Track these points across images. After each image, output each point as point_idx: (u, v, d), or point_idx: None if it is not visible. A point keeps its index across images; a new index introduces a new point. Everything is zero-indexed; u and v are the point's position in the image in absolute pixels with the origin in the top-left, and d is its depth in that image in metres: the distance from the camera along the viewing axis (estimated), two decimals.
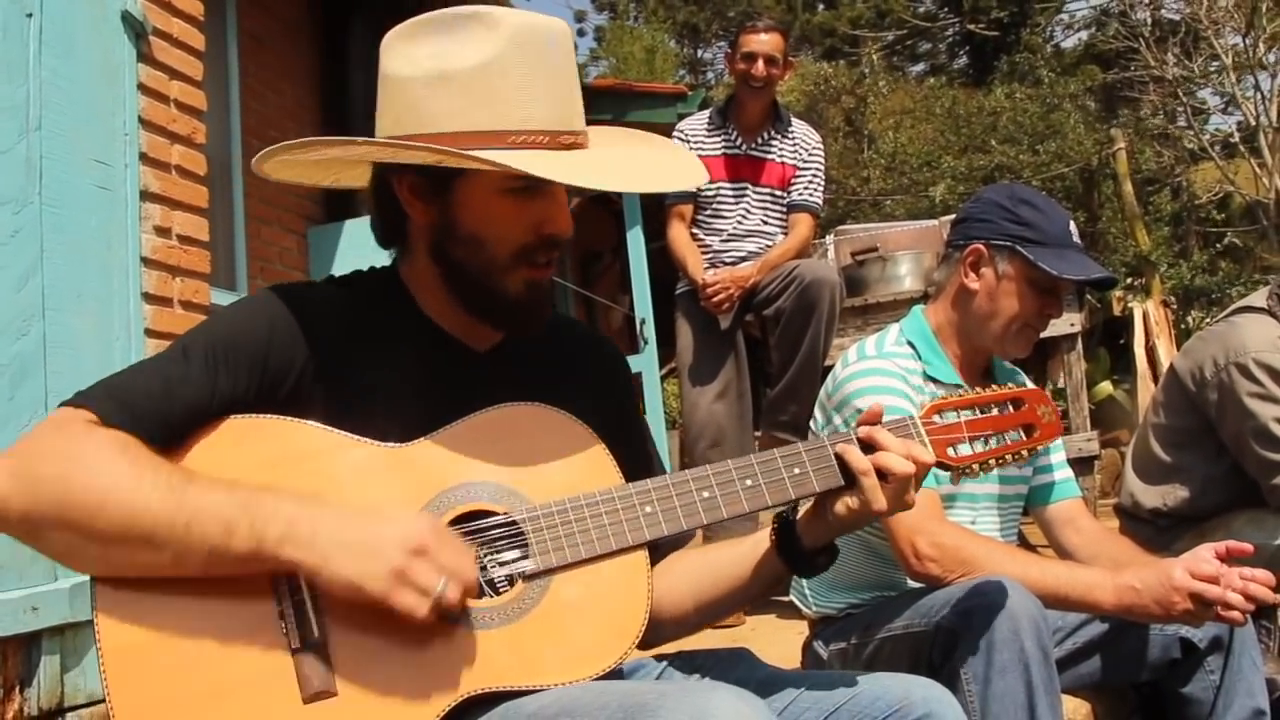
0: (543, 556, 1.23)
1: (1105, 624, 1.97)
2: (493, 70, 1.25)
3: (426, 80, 1.27)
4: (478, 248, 1.31)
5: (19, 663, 2.35)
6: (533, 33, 1.28)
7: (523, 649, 1.20)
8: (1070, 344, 4.61)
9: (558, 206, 1.33)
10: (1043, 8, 20.67)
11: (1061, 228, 2.04)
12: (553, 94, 1.28)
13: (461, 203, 1.31)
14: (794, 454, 1.31)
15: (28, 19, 2.56)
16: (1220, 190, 15.42)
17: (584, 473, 1.30)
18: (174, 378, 1.22)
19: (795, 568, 1.38)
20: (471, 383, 1.35)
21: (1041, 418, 1.44)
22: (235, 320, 1.29)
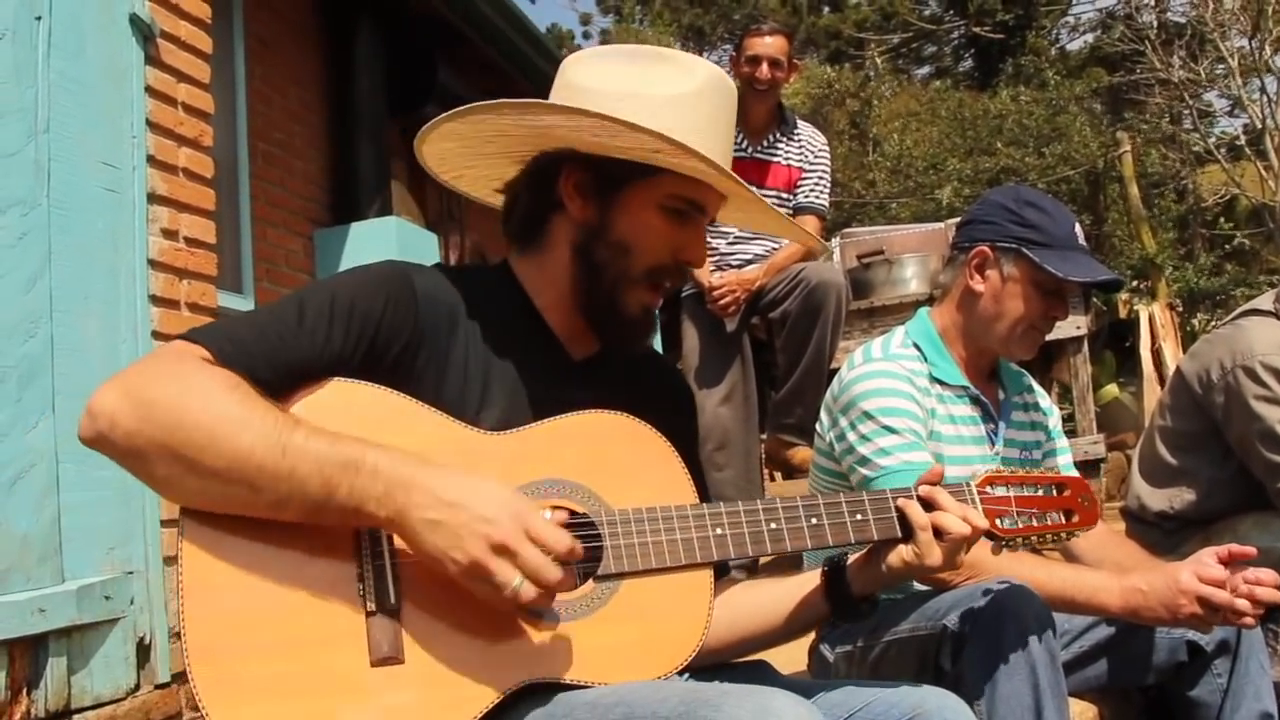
0: (615, 561, 1.28)
1: (1112, 627, 1.96)
2: (685, 103, 1.35)
3: (619, 95, 1.35)
4: (622, 254, 1.38)
5: (26, 664, 2.35)
6: (720, 83, 1.40)
7: (583, 646, 1.24)
8: (1076, 346, 4.60)
9: (699, 238, 1.42)
10: (1048, 10, 20.66)
11: (1067, 230, 2.04)
12: (724, 140, 1.40)
13: (623, 208, 1.38)
14: (858, 501, 1.38)
15: (37, 21, 2.57)
16: (1226, 193, 15.39)
17: (662, 486, 1.35)
18: (288, 328, 1.24)
19: (839, 612, 1.44)
20: (563, 386, 1.39)
21: (1082, 504, 1.52)
22: (353, 283, 1.31)
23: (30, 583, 2.39)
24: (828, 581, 1.44)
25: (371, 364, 1.28)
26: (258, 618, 1.15)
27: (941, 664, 1.74)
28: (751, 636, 1.48)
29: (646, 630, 1.27)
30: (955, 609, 1.73)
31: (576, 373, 1.44)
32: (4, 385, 2.37)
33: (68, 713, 2.43)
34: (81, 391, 2.50)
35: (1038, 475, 1.51)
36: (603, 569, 1.27)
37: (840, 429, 2.03)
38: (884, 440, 1.93)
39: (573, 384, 1.40)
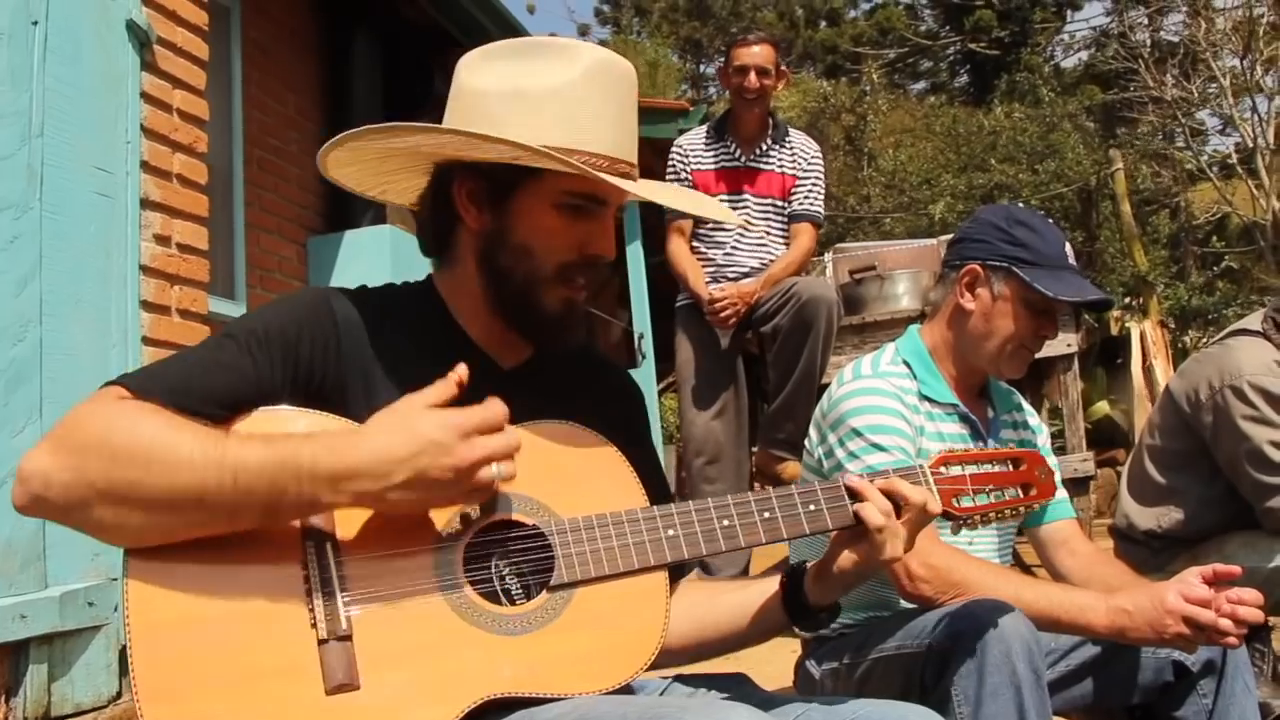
0: (568, 569, 1.26)
1: (1098, 646, 1.96)
2: (568, 95, 1.33)
3: (502, 95, 1.34)
4: (525, 258, 1.36)
5: (6, 671, 2.34)
6: (607, 67, 1.37)
7: (540, 659, 1.22)
8: (1067, 364, 4.61)
9: (604, 230, 1.39)
10: (1043, 28, 20.78)
11: (1057, 249, 2.04)
12: (619, 125, 1.37)
13: (517, 212, 1.36)
14: (810, 492, 1.37)
15: (33, 26, 2.57)
16: (1218, 211, 15.47)
17: (611, 492, 1.34)
18: (210, 361, 1.24)
19: (797, 621, 1.43)
20: (495, 397, 1.36)
21: (1039, 478, 1.51)
22: (274, 314, 1.31)
23: (13, 588, 2.38)
24: (785, 588, 1.43)
25: (298, 392, 1.27)
26: (209, 653, 1.13)
27: (927, 682, 1.74)
28: (715, 640, 1.48)
29: (604, 637, 1.26)
30: (941, 627, 1.73)
31: (507, 382, 1.38)
32: None
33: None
34: (69, 396, 2.49)
35: (992, 452, 1.50)
36: (556, 579, 1.26)
37: (829, 445, 2.03)
38: (872, 457, 1.93)
39: (504, 394, 1.35)
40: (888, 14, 25.16)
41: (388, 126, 1.32)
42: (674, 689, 1.45)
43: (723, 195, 4.10)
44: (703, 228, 4.16)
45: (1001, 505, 1.47)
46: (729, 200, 4.10)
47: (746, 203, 4.11)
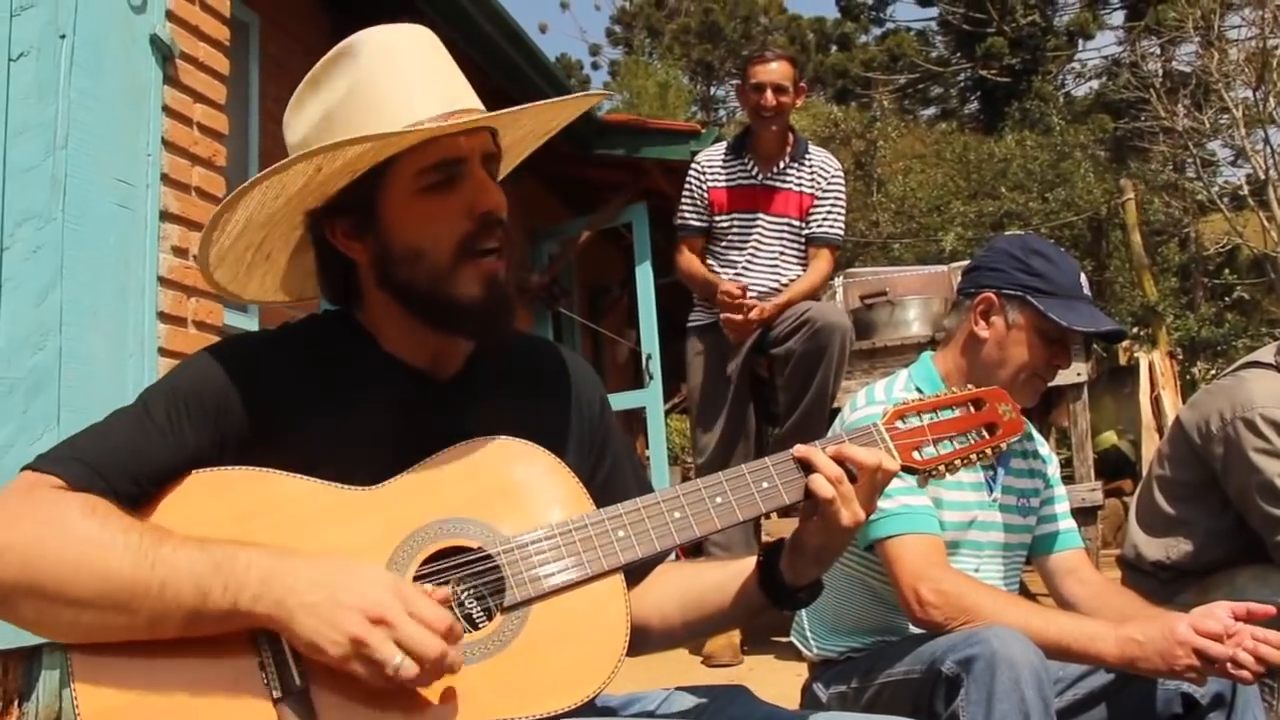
0: (519, 588, 1.23)
1: (1107, 676, 1.96)
2: (361, 88, 1.28)
3: (316, 130, 1.30)
4: (418, 259, 1.29)
5: (19, 676, 2.35)
6: (390, 43, 1.30)
7: (506, 681, 1.19)
8: (1076, 393, 4.61)
9: (480, 185, 1.30)
10: (1055, 56, 20.84)
11: (1072, 279, 2.05)
12: (427, 85, 1.29)
13: (389, 221, 1.30)
14: (762, 469, 1.32)
15: (61, 40, 2.60)
16: (1228, 243, 15.46)
17: (554, 501, 1.30)
18: (138, 435, 1.21)
19: (776, 601, 1.38)
20: (437, 414, 1.34)
21: (1003, 416, 1.44)
22: (193, 374, 1.28)
23: None
24: (761, 568, 1.38)
25: (232, 448, 1.25)
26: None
27: (935, 708, 1.74)
28: (700, 620, 1.44)
29: (567, 649, 1.22)
30: (950, 653, 1.73)
31: (448, 394, 1.36)
32: (11, 397, 2.39)
33: None
34: (87, 405, 2.51)
35: (950, 397, 1.43)
36: (509, 599, 1.22)
37: None
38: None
39: (445, 409, 1.33)
40: (899, 40, 25.28)
41: (210, 221, 1.28)
42: (675, 699, 1.44)
43: (737, 214, 4.10)
44: (716, 246, 4.16)
45: (966, 450, 1.40)
46: (743, 218, 4.10)
47: (760, 222, 4.11)
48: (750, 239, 4.10)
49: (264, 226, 1.34)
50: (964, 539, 2.04)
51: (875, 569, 2.00)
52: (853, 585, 2.08)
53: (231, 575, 1.11)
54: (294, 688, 1.12)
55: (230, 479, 1.22)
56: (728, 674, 3.48)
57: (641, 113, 21.16)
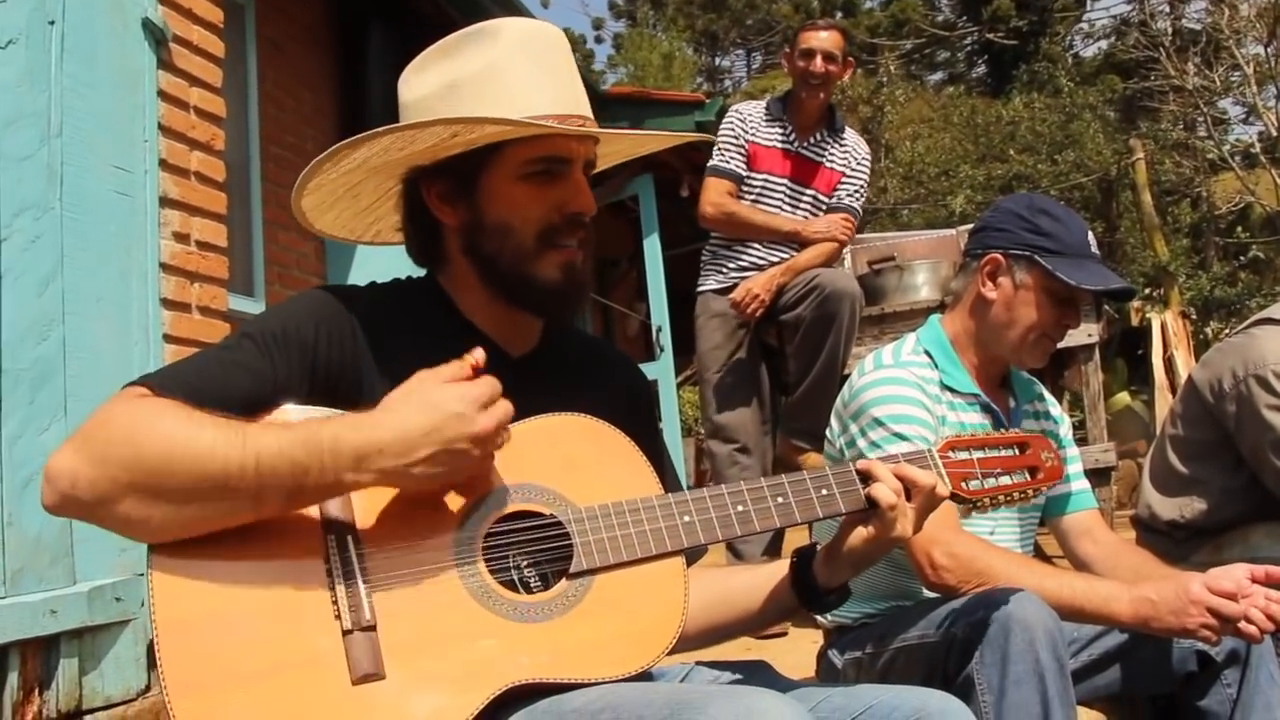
0: (586, 557, 1.28)
1: (1121, 636, 1.95)
2: (496, 70, 1.35)
3: (439, 94, 1.37)
4: (506, 236, 1.38)
5: (38, 665, 2.37)
6: (531, 36, 1.39)
7: (562, 645, 1.23)
8: (1088, 354, 4.58)
9: (577, 187, 1.39)
10: (1062, 17, 20.64)
11: (1080, 238, 2.03)
12: (556, 86, 1.38)
13: (486, 195, 1.38)
14: (822, 476, 1.39)
15: (50, 26, 2.58)
16: (1240, 201, 15.33)
17: (625, 480, 1.36)
18: (229, 361, 1.26)
19: (806, 603, 1.45)
20: (508, 387, 1.36)
21: (1045, 462, 1.53)
22: (289, 314, 1.33)
23: (42, 584, 2.40)
24: (795, 570, 1.45)
25: (316, 391, 1.29)
26: (235, 647, 1.14)
27: (950, 672, 1.74)
28: (727, 623, 1.50)
29: (624, 622, 1.27)
30: (964, 617, 1.73)
31: (518, 370, 1.41)
32: (17, 388, 2.39)
33: (79, 713, 2.44)
34: (93, 394, 2.51)
35: (998, 436, 1.52)
36: (575, 566, 1.27)
37: (850, 435, 2.03)
38: (894, 447, 1.93)
39: (514, 384, 1.36)
40: (904, 5, 25.04)
41: (330, 152, 1.33)
42: (696, 673, 1.47)
43: (773, 175, 4.04)
44: (744, 201, 4.10)
45: (1010, 489, 1.49)
46: (779, 182, 4.05)
47: (787, 189, 4.06)
48: (775, 204, 4.05)
49: (372, 171, 1.41)
50: None
51: None
52: None
53: (324, 454, 1.16)
54: (364, 622, 1.17)
55: (313, 414, 1.26)
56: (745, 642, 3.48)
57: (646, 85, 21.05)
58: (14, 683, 2.30)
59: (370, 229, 1.57)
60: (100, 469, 1.13)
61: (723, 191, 4.01)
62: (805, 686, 1.40)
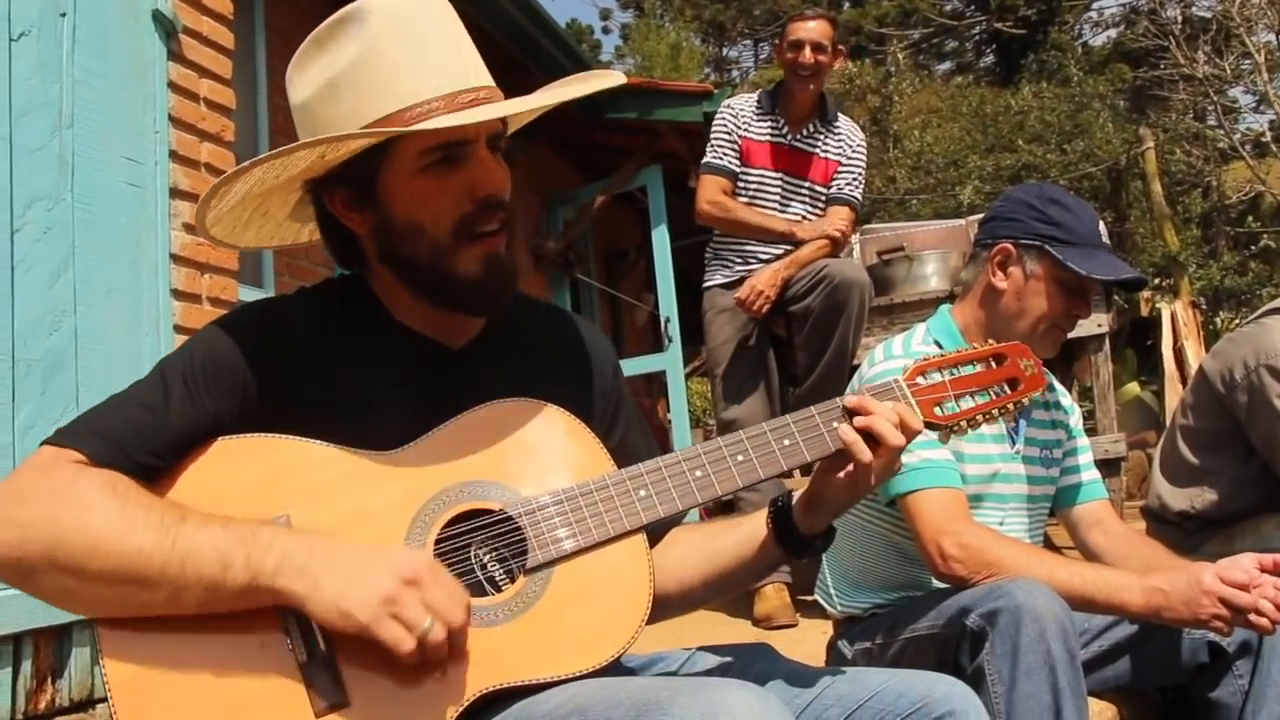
0: (541, 550, 1.23)
1: (1133, 626, 1.95)
2: (369, 60, 1.26)
3: (319, 95, 1.29)
4: (418, 235, 1.29)
5: (51, 654, 2.38)
6: (399, 11, 1.28)
7: (529, 643, 1.19)
8: (1097, 345, 4.57)
9: (484, 168, 1.29)
10: (1071, 6, 20.54)
11: (1091, 228, 2.03)
12: (439, 61, 1.27)
13: (389, 197, 1.29)
14: (783, 426, 1.32)
15: (61, 18, 2.59)
16: (1251, 190, 15.25)
17: (575, 462, 1.30)
18: (157, 407, 1.21)
19: (792, 551, 1.38)
20: (451, 381, 1.34)
21: (1024, 371, 1.43)
22: (210, 342, 1.28)
23: None
24: (773, 521, 1.38)
25: (250, 415, 1.25)
26: (195, 700, 1.11)
27: (960, 662, 1.74)
28: (715, 581, 1.43)
29: (591, 610, 1.23)
30: (975, 607, 1.72)
31: (461, 363, 1.38)
32: (29, 378, 2.39)
33: (90, 702, 2.46)
34: (104, 384, 2.52)
35: (971, 353, 1.42)
36: (531, 561, 1.22)
37: None
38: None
39: (459, 376, 1.34)
40: None
41: (207, 194, 1.28)
42: (697, 658, 1.45)
43: (767, 170, 4.04)
44: (740, 199, 4.10)
45: (988, 405, 1.39)
46: (773, 176, 4.04)
47: (783, 183, 4.06)
48: (771, 199, 4.04)
49: (262, 197, 1.35)
50: (987, 492, 2.03)
51: (898, 524, 1.99)
52: (875, 541, 2.07)
53: (254, 548, 1.13)
54: (319, 652, 1.13)
55: (251, 446, 1.23)
56: (755, 633, 3.48)
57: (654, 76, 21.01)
58: (27, 671, 2.32)
59: (302, 233, 1.49)
60: (21, 547, 1.11)
61: (718, 189, 4.01)
62: (811, 669, 1.38)
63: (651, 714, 1.01)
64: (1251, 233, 15.00)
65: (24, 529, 1.11)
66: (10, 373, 2.35)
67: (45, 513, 1.12)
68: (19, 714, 2.29)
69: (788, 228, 3.92)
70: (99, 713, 2.46)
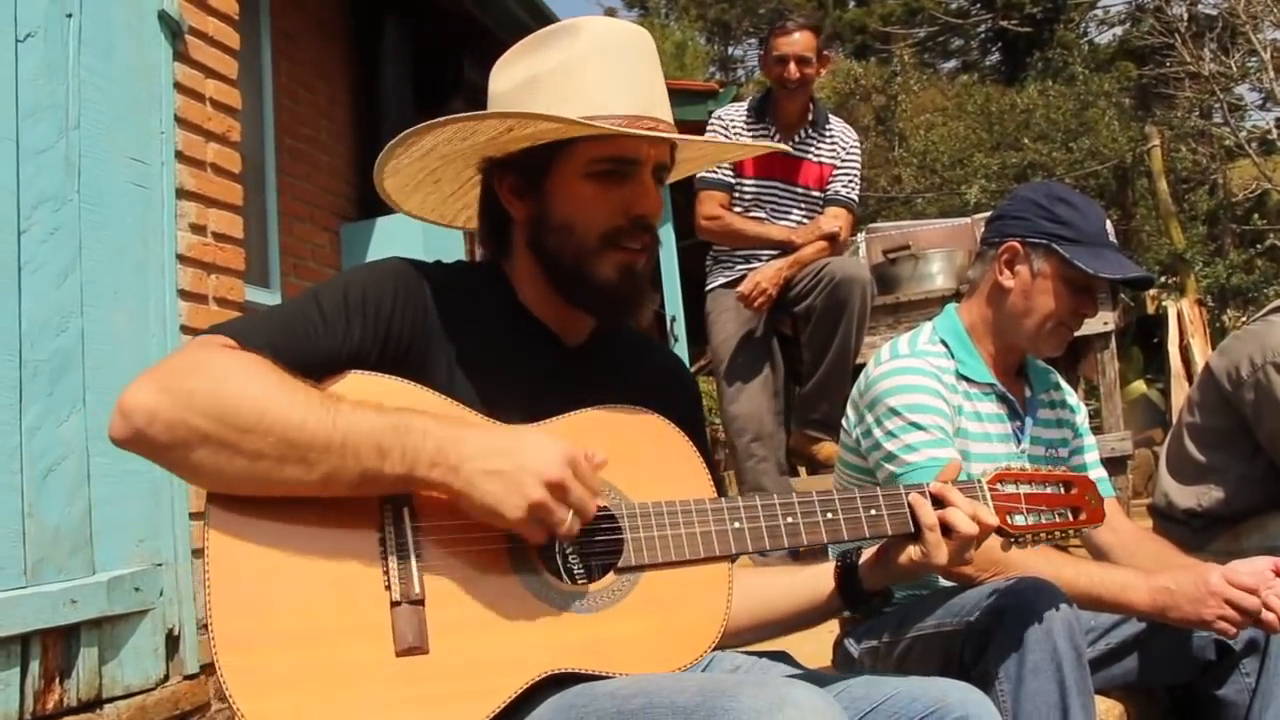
0: (635, 553, 1.30)
1: (1140, 625, 1.95)
2: (573, 68, 1.36)
3: (518, 88, 1.39)
4: (568, 234, 1.38)
5: (58, 654, 2.38)
6: (611, 35, 1.39)
7: (603, 637, 1.25)
8: (1104, 342, 4.56)
9: (644, 189, 1.39)
10: (1076, 3, 20.47)
11: (1098, 226, 2.02)
12: (632, 87, 1.37)
13: (553, 192, 1.39)
14: (872, 496, 1.40)
15: (67, 19, 2.59)
16: (1257, 188, 15.21)
17: (680, 479, 1.37)
18: (309, 321, 1.27)
19: (852, 605, 1.48)
20: (566, 374, 1.42)
21: (1089, 503, 1.54)
22: (366, 278, 1.34)
23: (62, 574, 2.42)
24: (840, 576, 1.46)
25: (388, 357, 1.30)
26: (285, 608, 1.15)
27: (967, 661, 1.74)
28: (770, 624, 1.51)
29: (666, 622, 1.29)
30: (981, 606, 1.73)
31: (573, 360, 1.46)
32: (36, 379, 2.40)
33: (99, 702, 2.46)
34: (111, 385, 2.52)
35: (1046, 473, 1.53)
36: (624, 561, 1.29)
37: (867, 425, 2.02)
38: (911, 437, 1.93)
39: (570, 372, 1.42)
40: None
41: (401, 136, 1.35)
42: (716, 662, 1.48)
43: (760, 179, 4.06)
44: (735, 209, 4.11)
45: (1053, 526, 1.50)
46: (761, 184, 4.06)
47: (778, 190, 4.07)
48: (767, 206, 4.05)
49: (445, 159, 1.43)
50: None
51: None
52: None
53: (409, 439, 1.17)
54: (413, 595, 1.18)
55: (383, 384, 1.28)
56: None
57: None
58: (35, 671, 2.32)
59: (460, 215, 1.59)
60: (183, 414, 1.12)
61: (715, 204, 4.05)
62: (825, 675, 1.40)
63: (719, 700, 1.05)
64: (1258, 230, 14.96)
65: (188, 397, 1.13)
66: (17, 374, 2.36)
67: (208, 383, 1.14)
68: (27, 714, 2.30)
69: (785, 235, 3.93)
70: (106, 713, 2.47)
